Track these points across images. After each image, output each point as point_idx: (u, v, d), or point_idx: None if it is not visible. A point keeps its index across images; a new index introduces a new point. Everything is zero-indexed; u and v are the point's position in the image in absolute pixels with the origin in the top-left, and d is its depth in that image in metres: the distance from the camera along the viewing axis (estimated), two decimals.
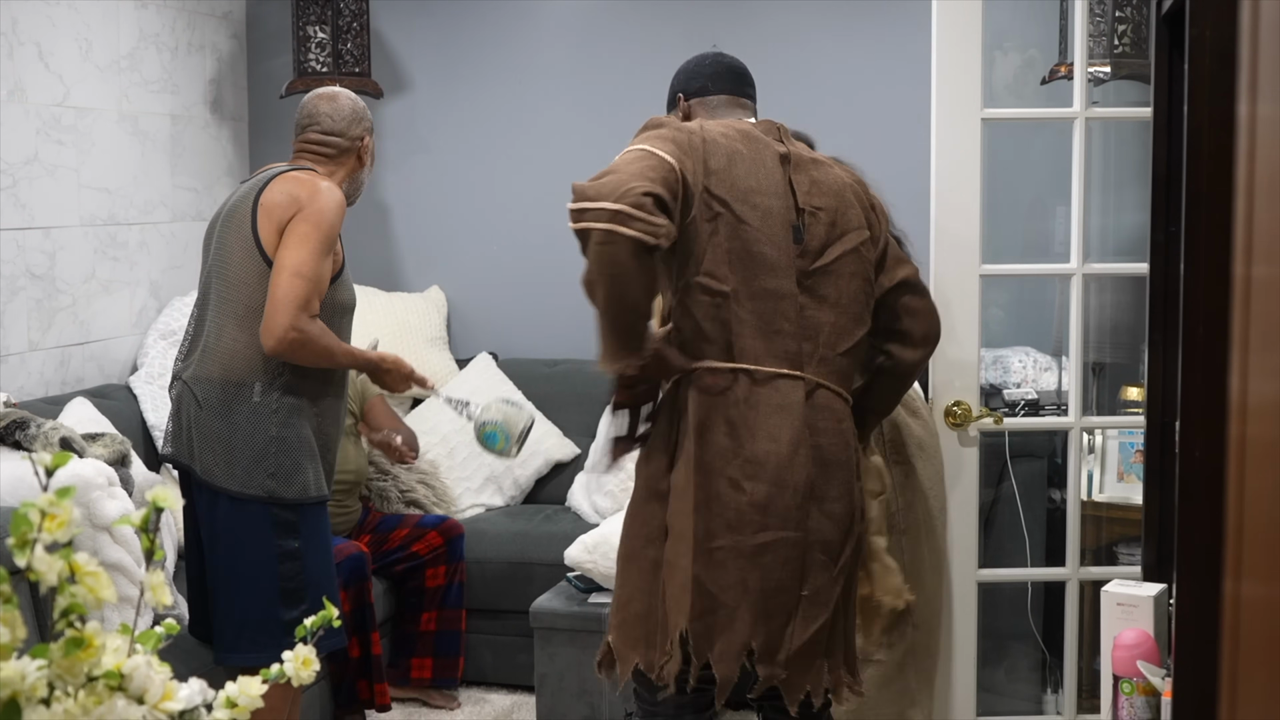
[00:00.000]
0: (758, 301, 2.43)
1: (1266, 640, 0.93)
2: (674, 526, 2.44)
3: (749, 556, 2.38)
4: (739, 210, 2.43)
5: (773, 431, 2.40)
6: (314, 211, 2.95)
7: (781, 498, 2.39)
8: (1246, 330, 1.01)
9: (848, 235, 2.53)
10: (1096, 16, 4.15)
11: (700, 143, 2.43)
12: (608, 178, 2.33)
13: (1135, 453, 3.91)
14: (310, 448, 3.04)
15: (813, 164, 2.58)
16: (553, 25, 5.11)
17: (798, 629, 2.42)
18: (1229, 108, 1.75)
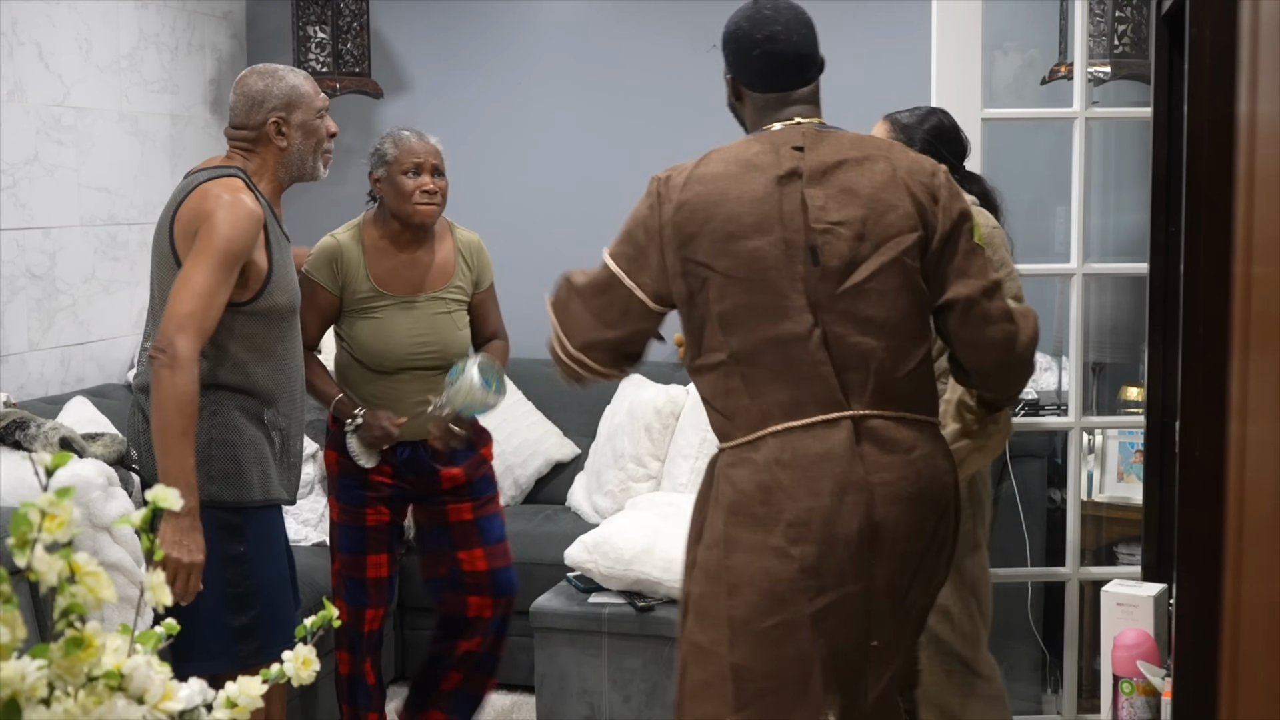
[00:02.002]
0: (765, 354, 2.23)
1: (1266, 640, 0.93)
2: (705, 611, 2.27)
3: (809, 625, 2.20)
4: (723, 267, 2.24)
5: (812, 486, 2.19)
6: (211, 227, 2.84)
7: (833, 555, 2.19)
8: (1246, 330, 1.01)
9: (885, 245, 2.25)
10: (1096, 16, 4.15)
11: (671, 214, 2.29)
12: (577, 309, 2.37)
13: (1135, 453, 3.91)
14: (258, 450, 2.94)
15: (845, 166, 2.29)
16: (553, 25, 5.11)
17: (871, 684, 2.26)
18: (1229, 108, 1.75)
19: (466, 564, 3.53)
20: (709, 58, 5.02)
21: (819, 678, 2.21)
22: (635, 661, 3.88)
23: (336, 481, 3.49)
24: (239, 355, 2.92)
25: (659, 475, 4.48)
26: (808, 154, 2.30)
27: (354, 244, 3.42)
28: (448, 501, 3.51)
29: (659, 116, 4.99)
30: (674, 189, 2.32)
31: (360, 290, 3.40)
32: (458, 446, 3.39)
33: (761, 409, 2.23)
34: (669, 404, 4.50)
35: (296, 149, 3.00)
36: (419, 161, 3.40)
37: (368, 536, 3.47)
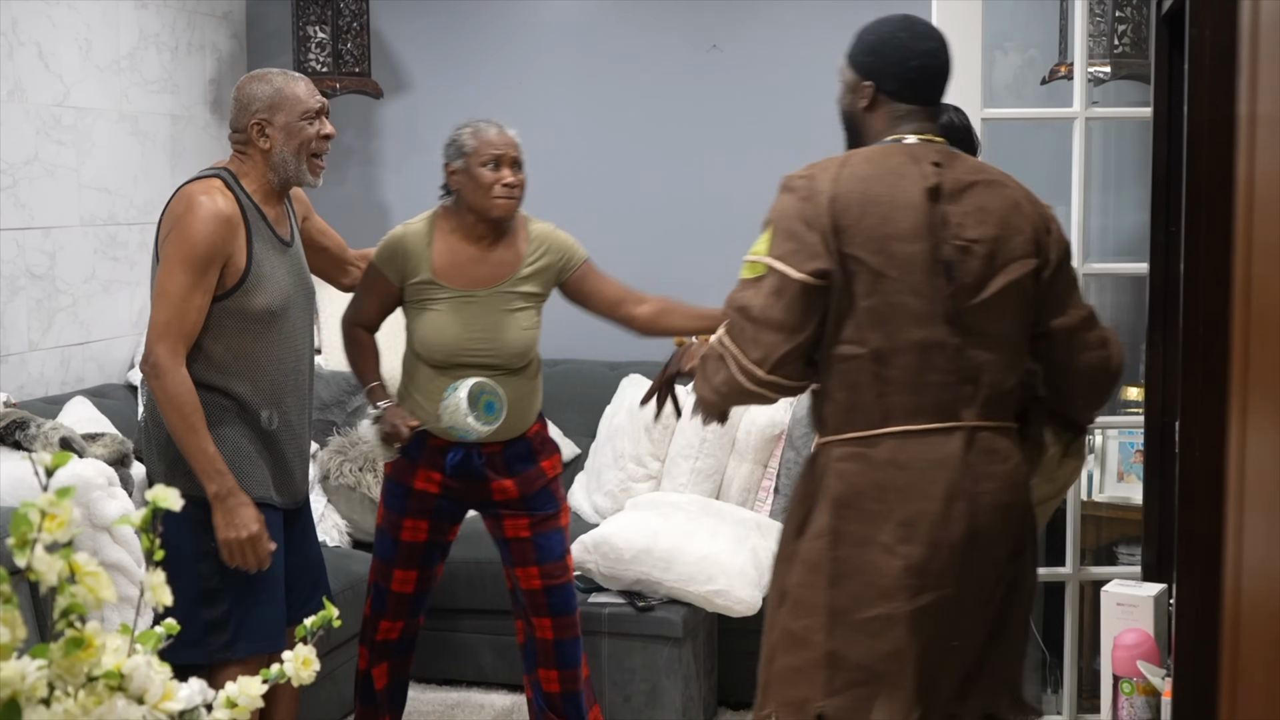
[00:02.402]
0: (903, 356, 2.32)
1: (1266, 640, 0.93)
2: (801, 599, 2.36)
3: (906, 623, 2.30)
4: (875, 264, 2.31)
5: (925, 490, 2.30)
6: (176, 231, 2.91)
7: (937, 557, 2.31)
8: (1246, 330, 1.01)
9: (1010, 266, 2.36)
10: (1096, 16, 4.15)
11: (827, 205, 2.32)
12: (758, 332, 2.33)
13: (1135, 453, 3.91)
14: (236, 449, 2.97)
15: (977, 188, 2.38)
16: (553, 25, 5.11)
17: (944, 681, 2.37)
18: (1229, 108, 1.75)
19: (523, 581, 3.43)
20: (709, 58, 5.05)
21: (911, 675, 2.30)
22: (635, 661, 3.88)
23: (386, 484, 3.42)
24: (215, 354, 2.95)
25: (659, 475, 4.48)
26: (945, 170, 2.38)
27: (422, 234, 3.32)
28: (504, 516, 3.40)
29: (659, 116, 4.99)
30: (823, 184, 2.35)
31: (419, 280, 3.30)
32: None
33: (884, 408, 2.33)
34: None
35: (279, 151, 3.00)
36: (499, 154, 3.27)
37: (398, 550, 3.39)
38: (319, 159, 3.07)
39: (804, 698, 2.34)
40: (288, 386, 3.05)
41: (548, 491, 3.42)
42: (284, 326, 3.02)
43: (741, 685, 4.16)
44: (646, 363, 4.93)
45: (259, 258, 2.97)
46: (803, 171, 2.40)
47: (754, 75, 4.91)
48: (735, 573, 3.86)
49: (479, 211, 3.29)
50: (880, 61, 2.45)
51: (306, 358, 3.14)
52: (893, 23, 2.47)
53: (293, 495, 3.11)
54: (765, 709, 2.40)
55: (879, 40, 2.46)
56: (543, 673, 3.47)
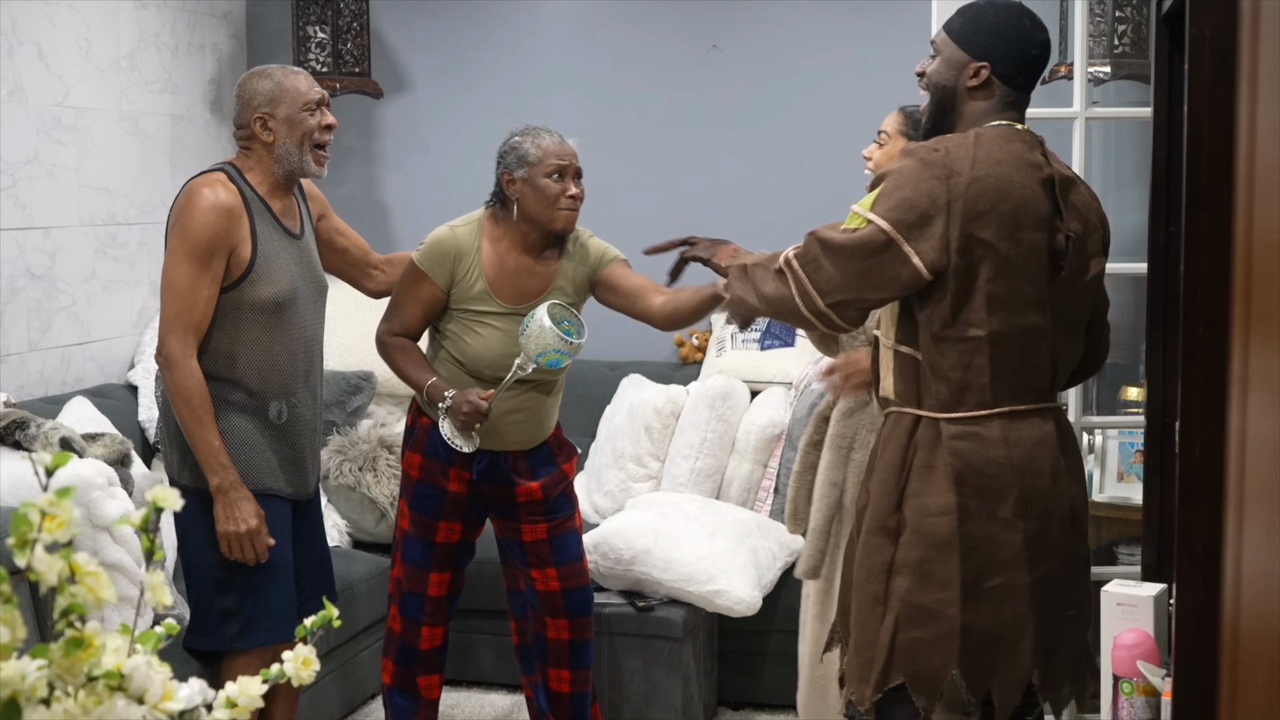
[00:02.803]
0: (1017, 339, 2.41)
1: (1266, 640, 0.93)
2: (929, 574, 2.43)
3: (1027, 592, 2.41)
4: (1004, 249, 2.37)
5: (1036, 466, 2.42)
6: (178, 224, 2.97)
7: (1049, 529, 2.44)
8: (1247, 330, 1.01)
9: (1092, 260, 2.51)
10: (1096, 16, 4.15)
11: (963, 189, 2.34)
12: (833, 267, 2.38)
13: (1135, 453, 3.91)
14: (246, 440, 3.03)
15: (1072, 183, 2.50)
16: (553, 25, 5.11)
17: (1065, 650, 2.49)
18: (1229, 108, 1.75)
19: (540, 583, 3.39)
20: (709, 58, 5.05)
21: (1030, 640, 2.42)
22: (635, 661, 3.88)
23: (414, 488, 3.33)
24: (222, 344, 3.01)
25: (659, 475, 4.48)
26: (1052, 164, 2.47)
27: (471, 239, 3.24)
28: (523, 519, 3.36)
29: (659, 116, 4.99)
30: (962, 164, 2.37)
31: (473, 291, 3.22)
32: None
33: (995, 389, 2.42)
34: (669, 404, 4.50)
35: (282, 143, 3.06)
36: (563, 164, 3.21)
37: (434, 553, 3.34)
38: (322, 149, 3.12)
39: (937, 667, 2.42)
40: (297, 378, 3.09)
41: (565, 495, 3.42)
42: (292, 317, 3.06)
43: (741, 685, 4.16)
44: (647, 363, 4.93)
45: (264, 248, 3.01)
46: (933, 144, 2.42)
47: (754, 75, 4.91)
48: (735, 573, 3.86)
49: (540, 223, 3.21)
50: (1002, 44, 2.48)
51: (316, 350, 3.18)
52: (1012, 8, 2.52)
53: (303, 486, 3.15)
54: (891, 681, 2.45)
55: (1001, 23, 2.49)
56: (553, 672, 3.44)
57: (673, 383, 4.61)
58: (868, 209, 2.37)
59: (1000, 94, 2.48)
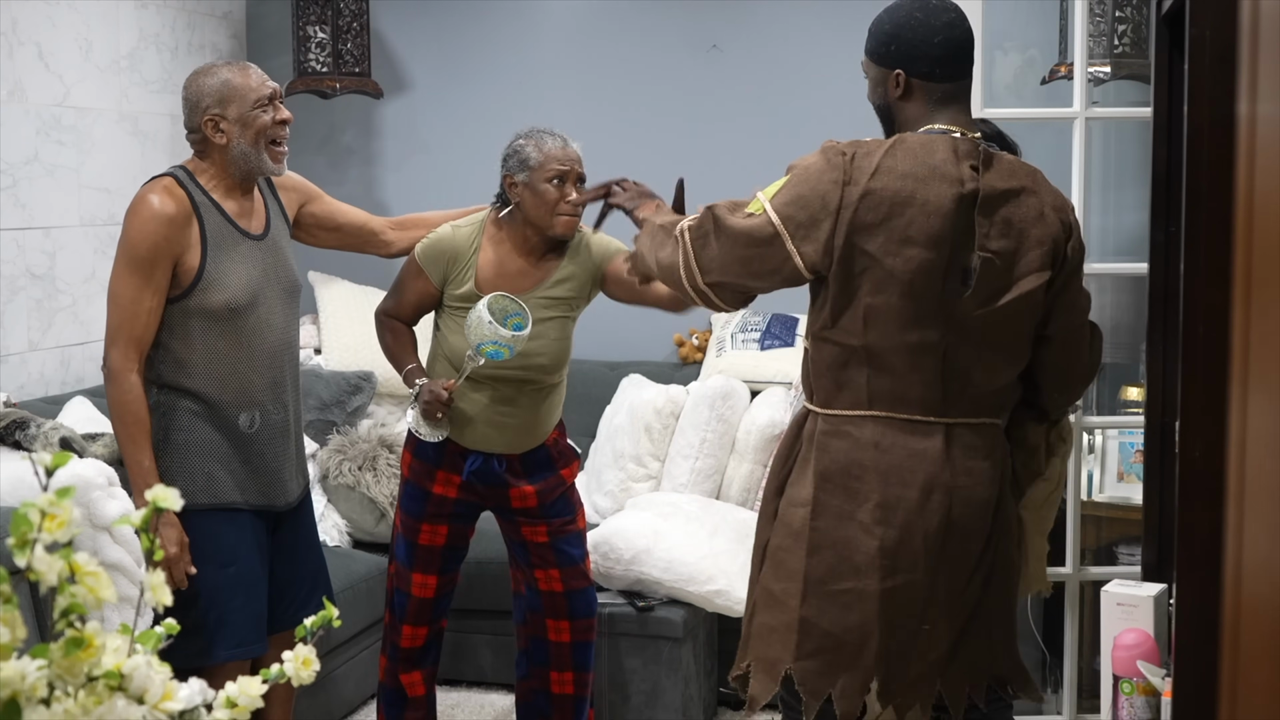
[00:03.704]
0: (894, 355, 2.36)
1: (1266, 640, 0.93)
2: (781, 561, 2.43)
3: (876, 600, 2.37)
4: (889, 264, 2.31)
5: (904, 477, 2.37)
6: (122, 234, 2.89)
7: (911, 543, 2.38)
8: (1247, 330, 1.01)
9: (1025, 279, 2.38)
10: (1096, 16, 4.15)
11: (857, 198, 2.30)
12: (720, 249, 2.37)
13: (1135, 453, 3.91)
14: (208, 452, 2.93)
15: (1007, 197, 2.38)
16: (552, 25, 5.11)
17: (914, 663, 2.43)
18: (1229, 108, 1.76)
19: (543, 584, 3.38)
20: (709, 58, 5.05)
21: (874, 647, 2.38)
22: (635, 661, 3.88)
23: (404, 487, 3.35)
24: (180, 354, 2.91)
25: (659, 475, 4.48)
26: (983, 177, 2.37)
27: (470, 240, 3.24)
28: (522, 522, 3.35)
29: (659, 117, 4.99)
30: (862, 172, 2.32)
31: (460, 289, 3.23)
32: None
33: (872, 392, 2.38)
34: (669, 404, 4.50)
35: (236, 144, 2.93)
36: (564, 170, 3.19)
37: (416, 554, 3.34)
38: (278, 145, 2.98)
39: (776, 657, 2.42)
40: (262, 384, 2.99)
41: (565, 499, 3.40)
42: (252, 323, 2.96)
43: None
44: (647, 363, 4.94)
45: (214, 255, 2.91)
46: (846, 147, 2.38)
47: (754, 75, 4.91)
48: (735, 573, 3.86)
49: (540, 228, 3.21)
50: (903, 46, 2.42)
51: (285, 354, 3.06)
52: (904, 7, 2.44)
53: (279, 496, 3.05)
54: (744, 662, 2.48)
55: (895, 26, 2.43)
56: (555, 675, 3.43)
57: (673, 383, 4.61)
58: (769, 197, 2.36)
59: (925, 92, 2.41)
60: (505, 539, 3.47)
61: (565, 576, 3.37)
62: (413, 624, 3.40)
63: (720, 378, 4.45)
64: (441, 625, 3.47)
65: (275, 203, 3.11)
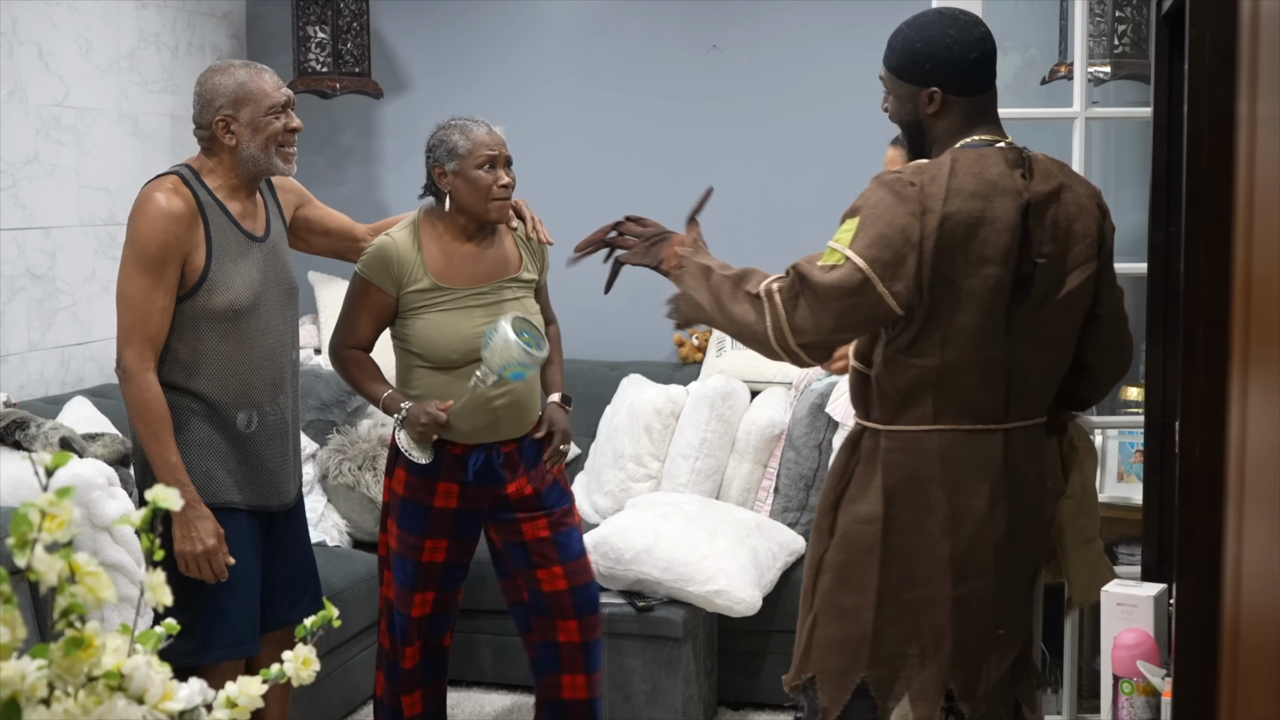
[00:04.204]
0: (967, 371, 2.38)
1: (1266, 640, 0.93)
2: (849, 576, 2.46)
3: (949, 607, 2.41)
4: (966, 286, 2.33)
5: (972, 487, 2.41)
6: (129, 233, 2.88)
7: (980, 550, 2.42)
8: (1247, 330, 1.01)
9: (1074, 273, 2.43)
10: (1096, 16, 4.15)
11: (936, 227, 2.29)
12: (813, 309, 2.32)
13: (1135, 453, 3.91)
14: (207, 452, 2.93)
15: (1051, 199, 2.41)
16: (553, 25, 5.11)
17: (994, 666, 2.47)
18: (1229, 108, 1.75)
19: (546, 584, 3.34)
20: (709, 58, 5.05)
21: (947, 653, 2.42)
22: (635, 661, 3.88)
23: (400, 505, 3.28)
24: (181, 354, 2.91)
25: (659, 475, 4.48)
26: (1031, 183, 2.39)
27: (410, 242, 3.22)
28: (521, 519, 3.32)
29: (659, 117, 4.99)
30: (935, 199, 2.31)
31: (419, 288, 3.20)
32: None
33: (938, 408, 2.40)
34: (669, 404, 4.50)
35: (246, 147, 2.93)
36: (493, 154, 3.20)
37: (419, 572, 3.28)
38: (288, 148, 2.98)
39: (846, 668, 2.44)
40: (261, 386, 2.98)
41: (558, 486, 3.39)
42: (253, 325, 2.96)
43: (741, 685, 4.16)
44: (647, 363, 4.94)
45: (220, 255, 2.91)
46: (909, 176, 2.35)
47: (754, 75, 4.91)
48: (735, 573, 3.86)
49: (474, 214, 3.22)
50: (939, 65, 2.43)
51: (284, 355, 3.06)
52: (933, 24, 2.45)
53: (275, 497, 3.05)
54: (806, 673, 2.49)
55: (929, 45, 2.44)
56: (567, 679, 3.38)
57: (673, 383, 4.61)
58: (846, 245, 2.32)
59: (963, 106, 2.43)
60: (501, 548, 3.39)
61: (569, 572, 3.35)
62: (413, 643, 3.35)
63: (720, 378, 4.46)
64: (445, 643, 3.42)
65: (275, 204, 3.11)
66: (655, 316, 3.66)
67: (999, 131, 2.46)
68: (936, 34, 2.44)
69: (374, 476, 4.29)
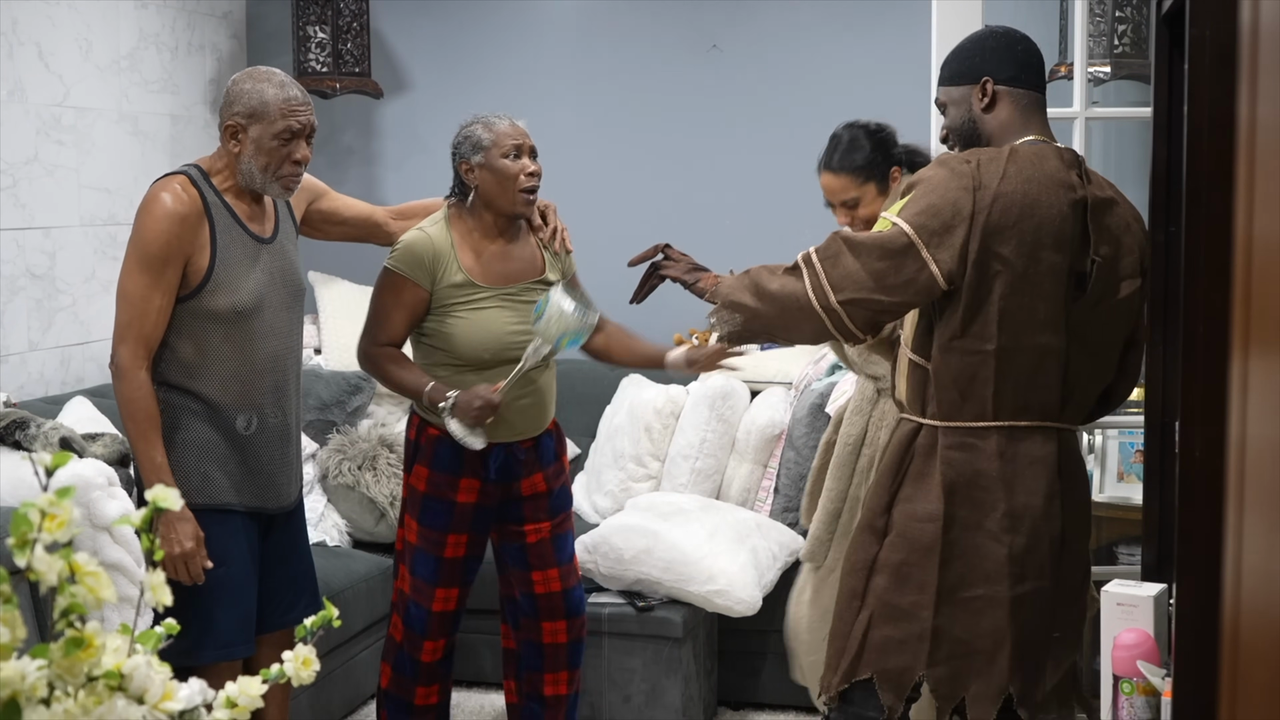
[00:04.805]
0: (1023, 357, 2.41)
1: (1266, 640, 0.93)
2: (907, 575, 2.47)
3: (1007, 607, 2.42)
4: (1021, 267, 2.37)
5: (1030, 485, 2.43)
6: (134, 231, 2.87)
7: (1038, 550, 2.44)
8: (1246, 330, 1.01)
9: (1124, 282, 2.48)
10: (1096, 16, 4.15)
11: (989, 202, 2.34)
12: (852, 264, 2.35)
13: (1135, 453, 3.91)
14: (204, 453, 2.92)
15: (1106, 206, 2.48)
16: (553, 25, 5.11)
17: (1050, 671, 2.48)
18: (1229, 108, 1.75)
19: (540, 585, 3.35)
20: (709, 58, 5.05)
21: (1007, 654, 2.42)
22: (635, 661, 3.88)
23: (421, 502, 3.27)
24: (183, 353, 2.90)
25: (659, 475, 4.48)
26: (1089, 185, 2.45)
27: (444, 236, 3.19)
28: (528, 519, 3.32)
29: (659, 116, 4.99)
30: (991, 176, 2.37)
31: (454, 283, 3.17)
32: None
33: (997, 403, 2.42)
34: (669, 404, 4.50)
35: (247, 161, 2.93)
36: (518, 143, 3.16)
37: (442, 568, 3.28)
38: (289, 178, 2.95)
39: (905, 667, 2.45)
40: (262, 388, 2.97)
41: (566, 489, 3.41)
42: (256, 326, 2.95)
43: (741, 685, 4.16)
44: None
45: (224, 256, 2.90)
46: (968, 154, 2.42)
47: (754, 75, 4.91)
48: (735, 573, 3.86)
49: (502, 206, 3.19)
50: (987, 55, 2.51)
51: (288, 358, 3.05)
52: (979, 32, 2.58)
53: (273, 500, 3.04)
54: (860, 674, 2.49)
55: (975, 43, 2.54)
56: (549, 677, 3.41)
57: (672, 383, 4.61)
58: (897, 212, 2.39)
59: (1014, 99, 2.50)
60: (501, 549, 3.40)
61: (563, 575, 3.37)
62: (434, 639, 3.35)
63: (720, 377, 4.45)
64: (455, 637, 3.45)
65: (285, 205, 3.11)
66: (655, 317, 3.67)
67: (1052, 137, 2.52)
68: (982, 35, 2.56)
69: (374, 476, 4.29)
